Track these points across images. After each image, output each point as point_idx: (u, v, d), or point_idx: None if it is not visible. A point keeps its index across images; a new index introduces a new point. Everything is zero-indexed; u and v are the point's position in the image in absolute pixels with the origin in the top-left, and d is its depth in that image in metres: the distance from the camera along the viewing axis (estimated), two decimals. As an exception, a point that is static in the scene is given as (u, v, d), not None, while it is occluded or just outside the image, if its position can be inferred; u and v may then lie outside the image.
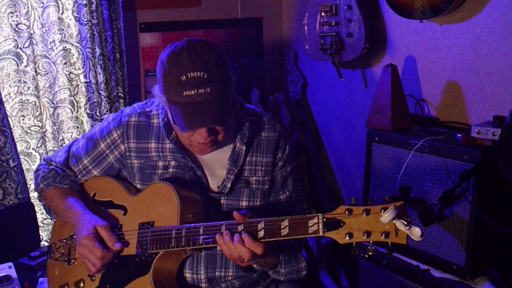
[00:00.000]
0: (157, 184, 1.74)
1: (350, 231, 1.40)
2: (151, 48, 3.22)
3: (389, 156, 2.56)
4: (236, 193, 1.80)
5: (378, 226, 1.38)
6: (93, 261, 1.64)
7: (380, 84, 2.61)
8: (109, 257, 1.66)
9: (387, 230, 1.37)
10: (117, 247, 1.66)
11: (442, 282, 2.34)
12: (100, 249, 1.63)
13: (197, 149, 1.72)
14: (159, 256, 1.64)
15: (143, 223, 1.70)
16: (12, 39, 2.69)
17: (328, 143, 3.57)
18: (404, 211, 1.38)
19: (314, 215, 1.45)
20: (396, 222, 1.36)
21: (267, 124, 1.84)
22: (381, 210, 1.38)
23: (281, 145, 1.85)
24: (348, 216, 1.41)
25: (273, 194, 1.87)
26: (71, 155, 1.89)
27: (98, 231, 1.68)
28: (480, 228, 2.23)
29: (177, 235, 1.61)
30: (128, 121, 1.81)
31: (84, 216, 1.73)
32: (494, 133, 2.20)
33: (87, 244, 1.64)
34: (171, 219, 1.65)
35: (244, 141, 1.76)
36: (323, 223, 1.43)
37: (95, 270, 1.66)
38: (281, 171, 1.86)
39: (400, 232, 1.36)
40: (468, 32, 2.55)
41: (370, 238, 1.39)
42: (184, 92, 1.54)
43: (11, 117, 2.74)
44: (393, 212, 1.34)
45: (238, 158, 1.77)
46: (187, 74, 1.53)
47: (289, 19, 3.65)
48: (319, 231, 1.43)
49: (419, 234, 1.34)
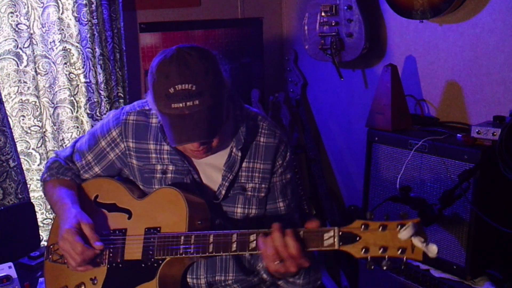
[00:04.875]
0: (163, 189, 1.70)
1: (366, 246, 1.40)
2: (151, 48, 3.22)
3: (389, 156, 2.56)
4: (231, 200, 1.77)
5: (394, 241, 1.38)
6: (73, 255, 1.62)
7: (380, 84, 2.62)
8: (90, 254, 1.63)
9: (403, 246, 1.37)
10: (98, 245, 1.63)
11: (442, 282, 2.34)
12: (81, 243, 1.60)
13: (191, 155, 1.70)
14: (165, 262, 1.61)
15: (149, 228, 1.67)
16: (12, 39, 2.69)
17: (328, 143, 3.57)
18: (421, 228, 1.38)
19: (330, 228, 1.44)
20: (414, 239, 1.36)
21: (267, 130, 1.79)
22: (397, 226, 1.38)
23: (281, 151, 1.80)
24: (364, 231, 1.41)
25: (270, 201, 1.83)
26: (75, 150, 1.89)
27: (82, 227, 1.65)
28: (480, 228, 2.23)
29: (186, 242, 1.58)
30: (126, 119, 1.79)
31: (71, 210, 1.70)
32: (494, 133, 2.20)
33: (68, 238, 1.62)
34: (179, 225, 1.62)
35: (239, 147, 1.73)
36: (339, 236, 1.42)
37: (75, 265, 1.64)
38: (280, 178, 1.82)
39: (416, 248, 1.37)
40: (468, 32, 2.55)
41: (386, 253, 1.38)
42: (172, 104, 1.51)
43: (11, 117, 2.74)
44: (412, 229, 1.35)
45: (233, 164, 1.74)
46: (175, 87, 1.50)
47: (289, 19, 3.65)
48: (335, 245, 1.42)
49: (435, 252, 1.34)
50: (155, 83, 1.55)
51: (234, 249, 1.52)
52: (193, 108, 1.51)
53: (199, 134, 1.54)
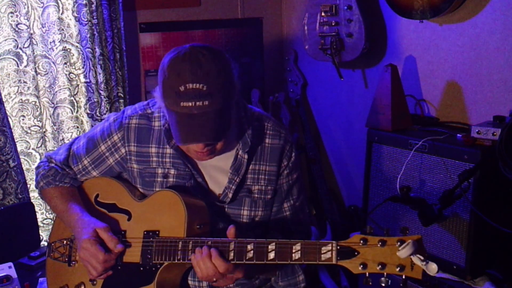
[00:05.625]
0: (163, 191, 1.69)
1: (364, 262, 1.38)
2: (151, 48, 3.22)
3: (389, 156, 2.56)
4: (237, 202, 1.74)
5: (393, 258, 1.35)
6: (95, 265, 1.62)
7: (380, 84, 2.61)
8: (112, 260, 1.63)
9: (402, 264, 1.35)
10: (119, 248, 1.63)
11: (442, 282, 2.33)
12: (102, 252, 1.60)
13: (195, 156, 1.68)
14: (163, 267, 1.60)
15: (148, 231, 1.66)
16: (12, 39, 2.69)
17: (328, 143, 3.57)
18: (421, 245, 1.35)
19: (327, 242, 1.42)
20: (413, 257, 1.33)
21: (272, 131, 1.77)
22: (397, 242, 1.35)
23: (287, 152, 1.78)
24: (363, 246, 1.38)
25: (277, 203, 1.81)
26: (71, 154, 1.85)
27: (98, 233, 1.65)
28: (480, 228, 2.23)
29: (184, 248, 1.57)
30: (129, 123, 1.76)
31: (83, 219, 1.70)
32: (494, 133, 2.19)
33: (88, 248, 1.61)
34: (178, 230, 1.60)
35: (246, 149, 1.71)
36: (337, 251, 1.40)
37: (97, 274, 1.64)
38: (287, 179, 1.80)
39: (415, 266, 1.34)
40: (468, 32, 2.55)
41: (385, 270, 1.36)
42: (181, 102, 1.49)
43: (11, 117, 2.75)
44: (411, 248, 1.32)
45: (240, 167, 1.72)
46: (186, 85, 1.48)
47: (289, 19, 3.65)
48: (332, 259, 1.40)
49: (435, 271, 1.32)
50: (166, 79, 1.52)
51: (231, 257, 1.52)
52: (202, 108, 1.49)
53: (206, 135, 1.53)
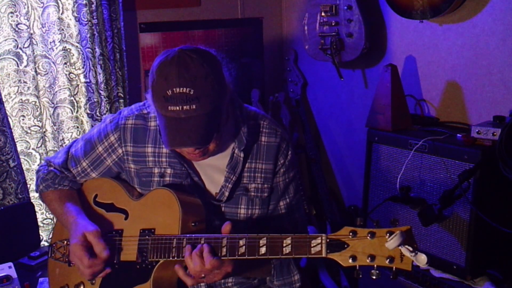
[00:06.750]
0: (159, 190, 1.70)
1: (354, 254, 1.37)
2: (151, 48, 3.22)
3: (389, 156, 2.56)
4: (234, 201, 1.76)
5: (383, 250, 1.35)
6: (81, 269, 1.64)
7: (380, 84, 2.62)
8: (98, 265, 1.64)
9: (392, 255, 1.34)
10: (105, 254, 1.63)
11: (442, 282, 2.34)
12: (87, 258, 1.61)
13: (189, 157, 1.69)
14: (159, 264, 1.61)
15: (144, 229, 1.67)
16: (12, 39, 2.69)
17: (328, 143, 3.57)
18: (410, 236, 1.34)
19: (317, 235, 1.42)
20: (402, 248, 1.33)
21: (268, 129, 1.77)
22: (386, 234, 1.34)
23: (283, 150, 1.78)
24: (352, 238, 1.38)
25: (273, 201, 1.81)
26: (70, 157, 1.86)
27: (87, 237, 1.65)
28: (480, 228, 2.23)
29: (178, 245, 1.58)
30: (125, 123, 1.77)
31: (76, 222, 1.71)
32: (494, 133, 2.20)
33: (75, 252, 1.63)
34: (172, 227, 1.61)
35: (242, 148, 1.71)
36: (327, 244, 1.40)
37: (87, 277, 1.66)
38: (283, 178, 1.80)
39: (405, 258, 1.34)
40: (468, 32, 2.55)
41: (375, 262, 1.36)
42: (169, 106, 1.49)
43: (11, 117, 2.74)
44: (399, 239, 1.31)
45: (236, 166, 1.73)
46: (173, 89, 1.47)
47: (289, 19, 3.65)
48: (322, 252, 1.40)
49: (424, 261, 1.31)
50: (154, 83, 1.53)
51: (224, 253, 1.52)
52: (190, 112, 1.49)
53: (192, 140, 1.52)
